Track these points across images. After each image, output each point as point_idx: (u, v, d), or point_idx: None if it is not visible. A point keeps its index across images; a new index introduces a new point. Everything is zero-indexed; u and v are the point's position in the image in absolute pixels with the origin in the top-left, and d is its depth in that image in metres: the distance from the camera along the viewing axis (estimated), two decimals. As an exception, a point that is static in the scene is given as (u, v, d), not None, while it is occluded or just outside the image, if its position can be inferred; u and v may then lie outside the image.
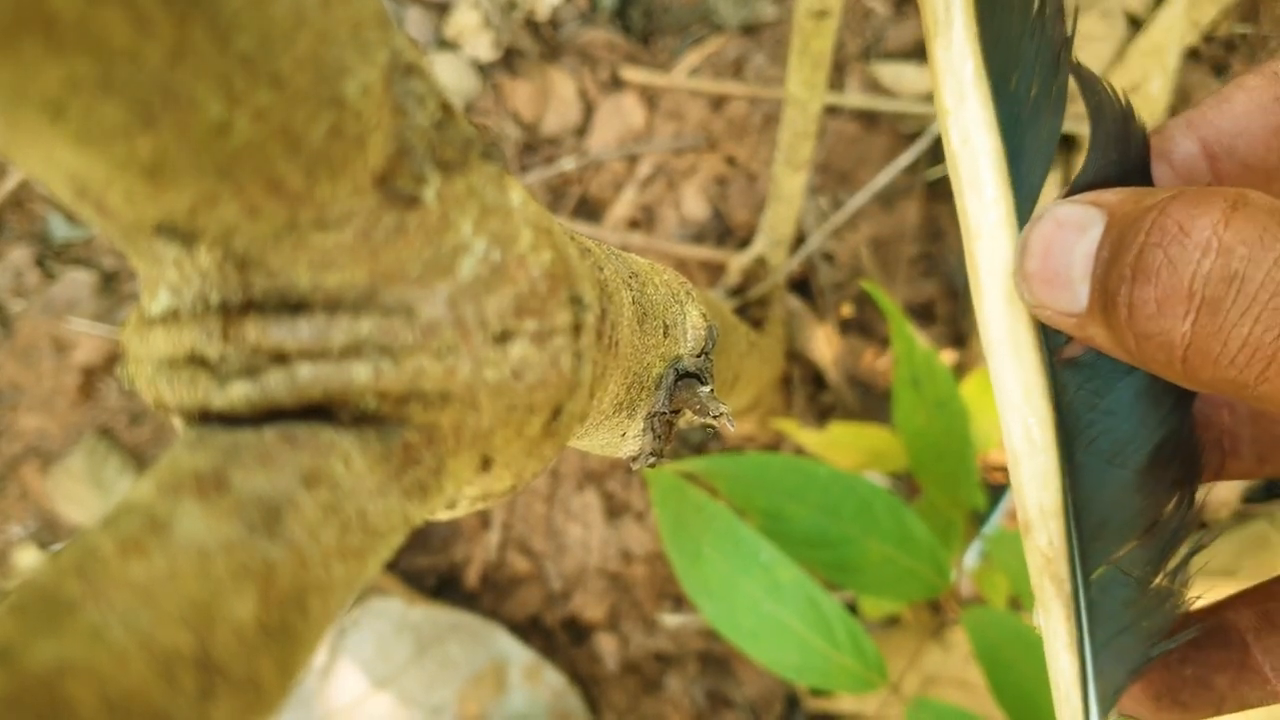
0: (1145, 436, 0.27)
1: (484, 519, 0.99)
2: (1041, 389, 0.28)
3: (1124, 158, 0.28)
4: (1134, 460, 0.27)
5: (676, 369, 0.30)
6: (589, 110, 1.04)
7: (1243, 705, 0.29)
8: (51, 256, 1.07)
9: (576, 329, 0.21)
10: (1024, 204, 0.27)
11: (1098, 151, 0.28)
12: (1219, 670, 0.29)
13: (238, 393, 0.17)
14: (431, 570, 0.99)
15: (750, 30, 1.03)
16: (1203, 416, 0.32)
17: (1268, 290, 0.20)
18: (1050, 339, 0.27)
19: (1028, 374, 0.28)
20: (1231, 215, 0.21)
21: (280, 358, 0.17)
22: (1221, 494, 0.85)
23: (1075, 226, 0.25)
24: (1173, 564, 0.28)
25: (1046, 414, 0.28)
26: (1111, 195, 0.25)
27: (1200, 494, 0.28)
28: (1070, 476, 0.28)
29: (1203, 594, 0.31)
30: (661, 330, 0.29)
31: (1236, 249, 0.21)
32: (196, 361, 0.17)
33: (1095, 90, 0.28)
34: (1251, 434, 0.32)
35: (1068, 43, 0.28)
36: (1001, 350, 0.28)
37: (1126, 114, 0.28)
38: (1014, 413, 0.28)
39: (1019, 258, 0.26)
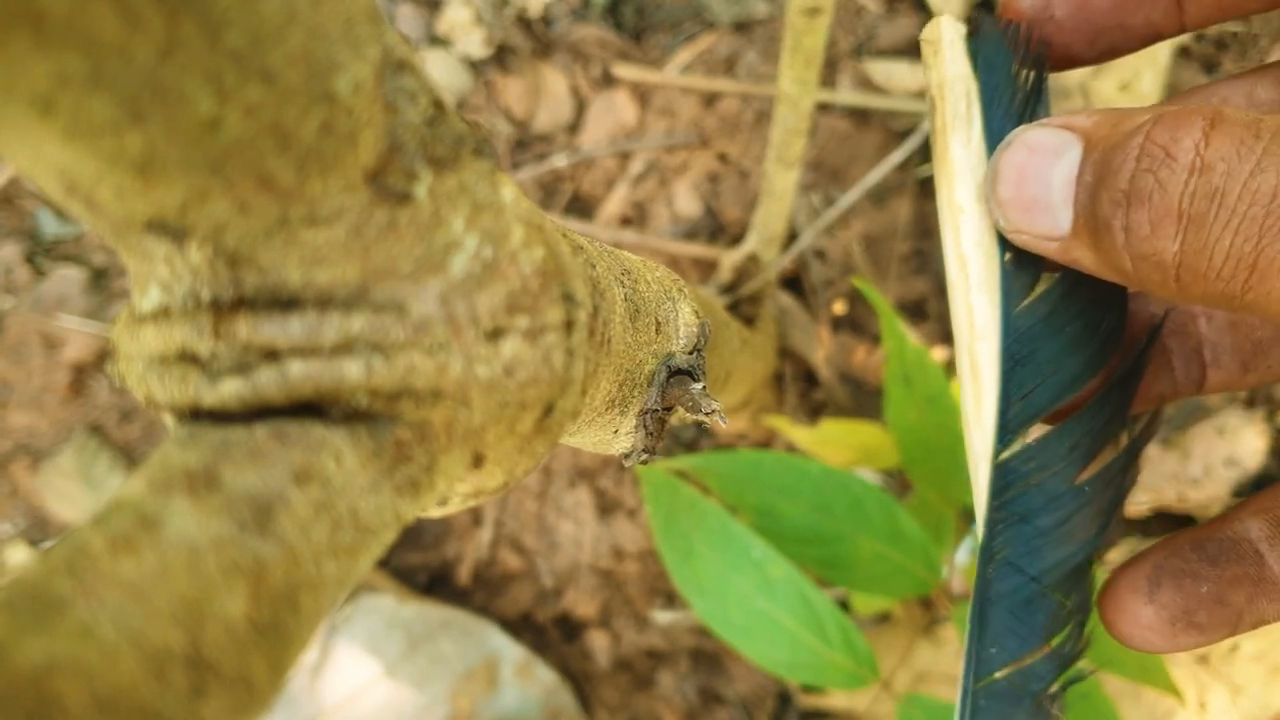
0: (1059, 558, 0.28)
1: (476, 516, 0.99)
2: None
3: (1022, 96, 0.28)
4: (1046, 576, 0.28)
5: (669, 366, 0.30)
6: (581, 107, 1.04)
7: (1260, 621, 0.28)
8: (41, 253, 1.06)
9: (568, 326, 0.21)
10: (1008, 309, 0.28)
11: (998, 98, 0.28)
12: (1235, 586, 0.28)
13: (229, 390, 0.17)
14: (423, 567, 0.99)
15: (742, 27, 1.03)
16: (1179, 327, 0.32)
17: (1245, 201, 0.21)
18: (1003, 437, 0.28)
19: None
20: (1210, 133, 0.21)
21: (271, 355, 0.17)
22: (1210, 491, 0.86)
23: (1050, 151, 0.25)
24: (1053, 689, 0.28)
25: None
26: (1084, 119, 0.25)
27: (1090, 626, 0.28)
28: (982, 578, 0.28)
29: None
30: (654, 327, 0.29)
31: (1217, 165, 0.21)
32: (187, 358, 0.17)
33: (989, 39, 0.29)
34: (1231, 342, 0.32)
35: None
36: (980, 447, 0.28)
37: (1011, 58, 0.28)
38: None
39: (990, 184, 0.27)
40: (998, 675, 0.28)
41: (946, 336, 0.95)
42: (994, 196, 0.27)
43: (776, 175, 0.68)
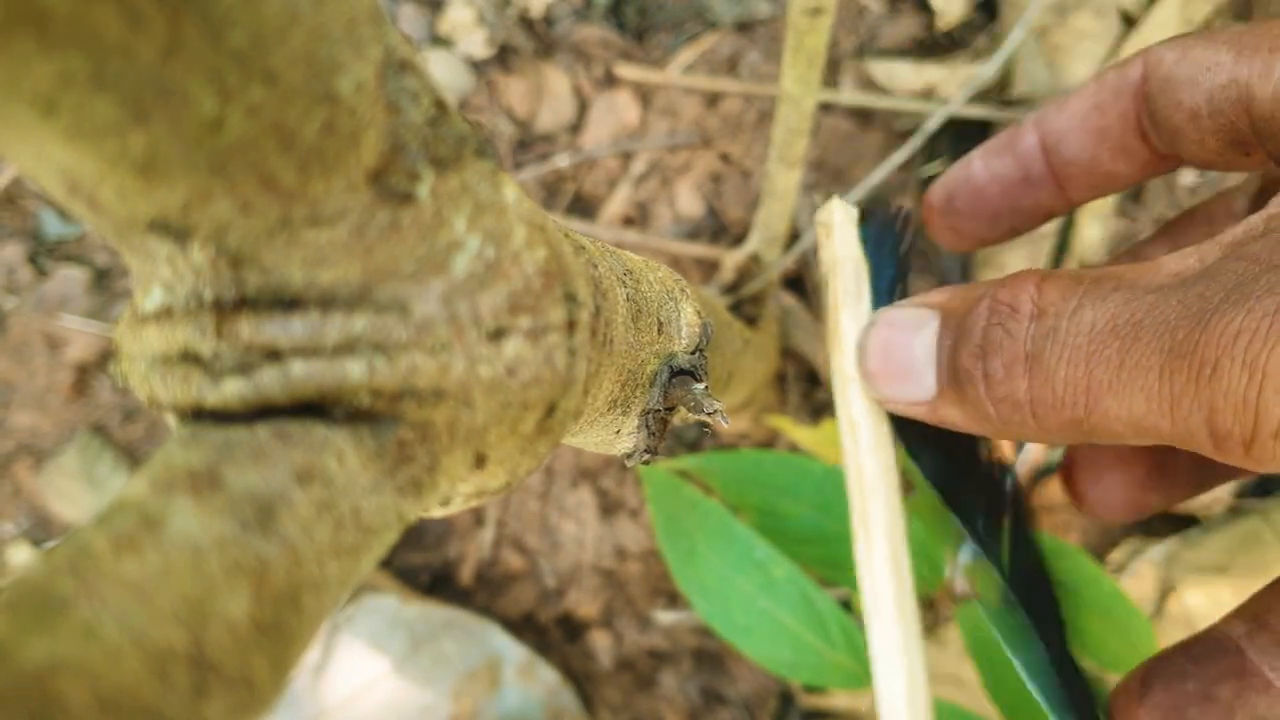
0: None
1: (478, 516, 0.99)
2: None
3: (899, 273, 0.32)
4: None
5: (671, 366, 0.30)
6: (583, 107, 1.04)
7: (1254, 716, 0.29)
8: (44, 253, 1.06)
9: (571, 326, 0.21)
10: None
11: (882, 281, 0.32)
12: (1220, 681, 0.29)
13: (231, 390, 0.17)
14: (425, 567, 0.99)
15: (745, 27, 1.03)
16: None
17: (1072, 334, 0.24)
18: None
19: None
20: (1042, 285, 0.25)
21: (274, 355, 0.17)
22: (1214, 490, 0.86)
23: (910, 326, 0.29)
24: None
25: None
26: (937, 296, 0.29)
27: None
28: None
29: (1195, 590, 0.33)
30: (656, 327, 0.29)
31: (1049, 309, 0.25)
32: (190, 359, 0.17)
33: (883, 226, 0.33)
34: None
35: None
36: (871, 598, 0.32)
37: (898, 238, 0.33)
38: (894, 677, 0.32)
39: (858, 361, 0.30)
40: None
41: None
42: (864, 372, 0.30)
43: (779, 175, 0.68)
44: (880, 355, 0.29)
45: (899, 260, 0.31)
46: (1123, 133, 0.31)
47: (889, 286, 0.31)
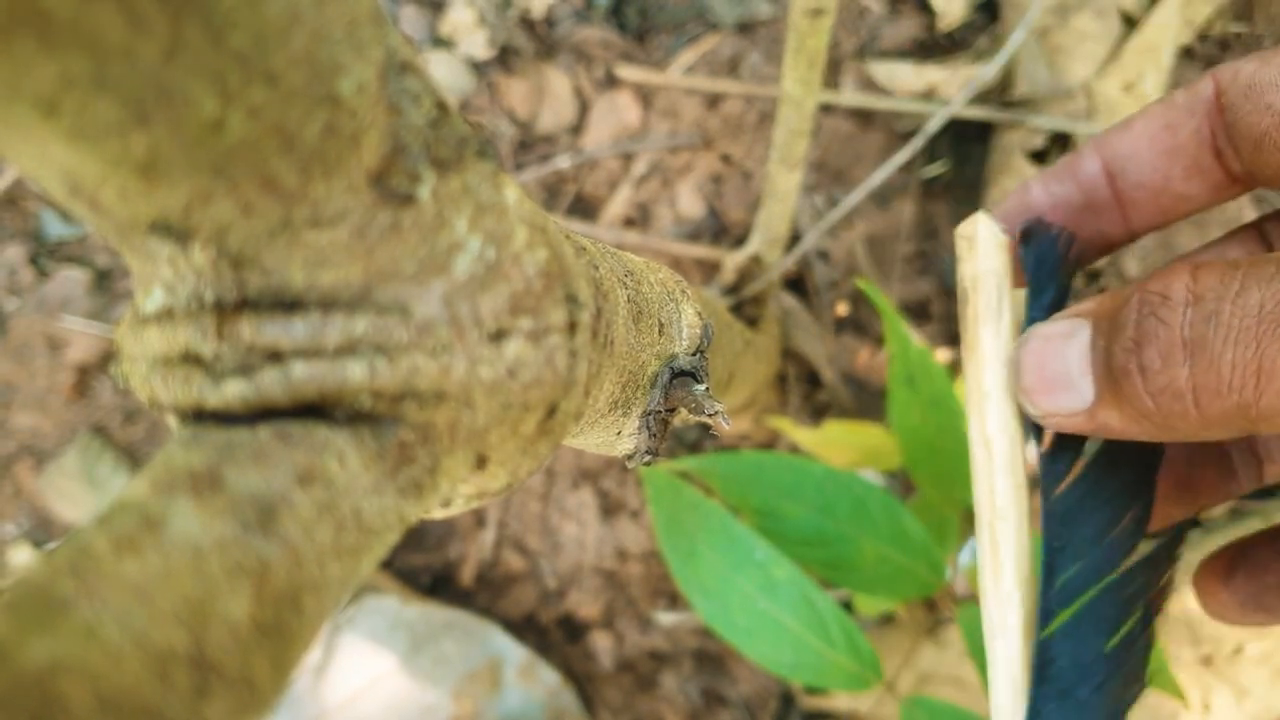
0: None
1: (479, 517, 0.99)
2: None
3: (1059, 291, 0.31)
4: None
5: (672, 367, 0.30)
6: (584, 108, 1.04)
7: None
8: (45, 254, 1.06)
9: (572, 327, 0.21)
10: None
11: (1039, 294, 0.31)
12: None
13: (232, 391, 0.17)
14: (426, 568, 0.99)
15: (746, 28, 1.03)
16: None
17: (1238, 316, 0.23)
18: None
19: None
20: (1196, 273, 0.25)
21: (275, 356, 0.17)
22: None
23: (1061, 336, 0.28)
24: None
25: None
26: (1088, 304, 0.28)
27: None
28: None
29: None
30: (657, 328, 0.29)
31: (1207, 295, 0.24)
32: (191, 360, 0.17)
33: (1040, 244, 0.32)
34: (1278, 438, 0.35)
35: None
36: (998, 618, 0.31)
37: (1060, 259, 0.32)
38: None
39: (1015, 378, 0.30)
40: None
41: (950, 338, 0.95)
42: (1020, 388, 0.29)
43: (779, 176, 0.68)
44: (1035, 369, 0.29)
45: (1060, 282, 0.31)
46: (1197, 151, 0.31)
47: (1049, 308, 0.31)
